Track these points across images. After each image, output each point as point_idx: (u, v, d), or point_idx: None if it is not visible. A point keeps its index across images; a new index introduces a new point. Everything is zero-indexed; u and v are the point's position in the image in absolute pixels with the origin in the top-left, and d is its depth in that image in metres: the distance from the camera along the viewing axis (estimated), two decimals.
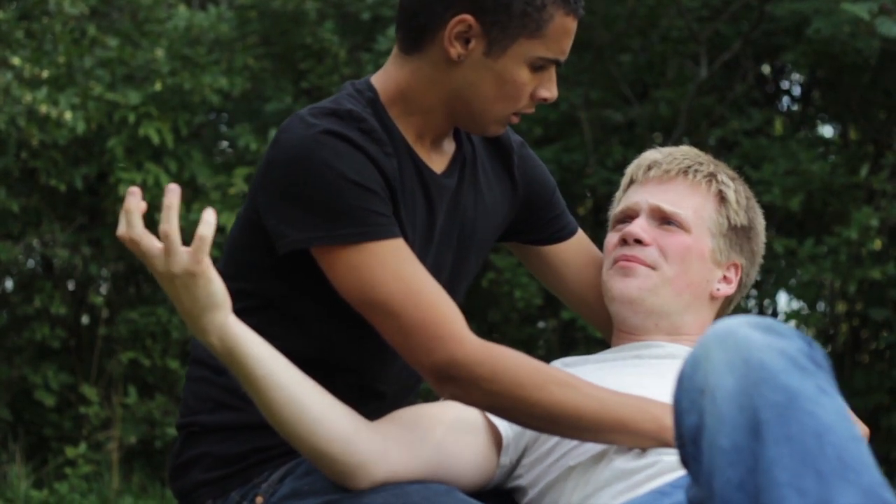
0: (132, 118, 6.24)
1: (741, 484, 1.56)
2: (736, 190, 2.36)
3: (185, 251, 1.86)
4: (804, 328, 6.76)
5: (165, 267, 1.87)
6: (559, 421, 2.03)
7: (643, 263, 2.27)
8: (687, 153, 2.37)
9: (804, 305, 6.77)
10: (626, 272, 2.27)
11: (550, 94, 2.15)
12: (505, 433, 2.16)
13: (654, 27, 6.83)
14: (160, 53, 6.38)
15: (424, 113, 2.14)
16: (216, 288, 1.89)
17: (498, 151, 2.31)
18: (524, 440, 2.18)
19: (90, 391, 6.43)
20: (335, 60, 6.67)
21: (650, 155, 2.37)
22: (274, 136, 2.09)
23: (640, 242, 2.27)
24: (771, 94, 7.40)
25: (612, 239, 2.33)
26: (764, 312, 7.00)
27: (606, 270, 2.31)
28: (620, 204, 2.36)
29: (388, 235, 2.02)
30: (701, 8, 6.72)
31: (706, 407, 1.61)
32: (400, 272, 2.01)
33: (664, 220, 2.29)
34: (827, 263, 6.16)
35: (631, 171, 2.37)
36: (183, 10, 6.65)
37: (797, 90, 7.48)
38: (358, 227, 2.00)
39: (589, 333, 6.49)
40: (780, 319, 6.87)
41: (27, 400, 6.60)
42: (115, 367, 6.54)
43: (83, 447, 6.30)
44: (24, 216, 6.49)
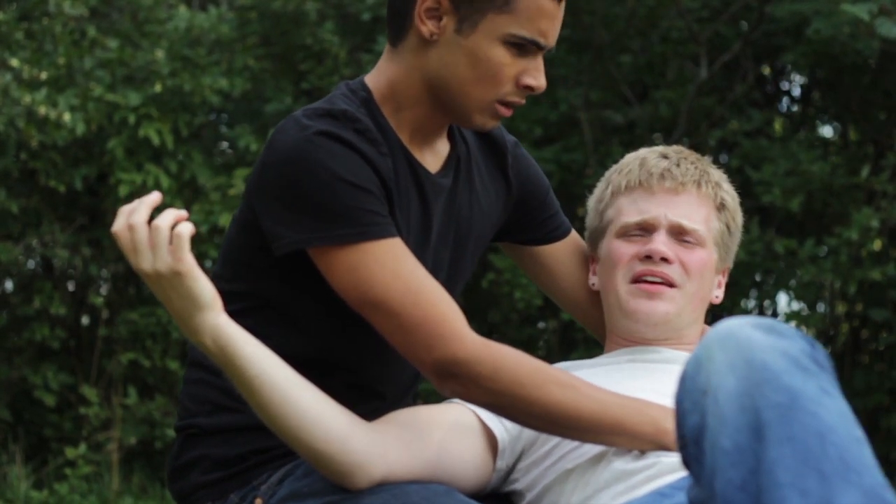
0: (132, 119, 6.24)
1: (743, 484, 1.56)
2: (732, 196, 2.36)
3: (169, 249, 1.88)
4: (804, 329, 6.75)
5: (152, 266, 1.88)
6: (558, 421, 2.03)
7: (670, 283, 2.26)
8: (688, 158, 2.34)
9: (804, 306, 6.77)
10: (651, 295, 2.26)
11: (536, 82, 2.11)
12: (501, 437, 2.16)
13: (654, 28, 6.83)
14: (160, 54, 6.38)
15: (413, 106, 2.14)
16: (202, 286, 1.91)
17: (492, 151, 2.30)
18: (520, 444, 2.17)
19: (90, 392, 6.43)
20: (335, 61, 6.67)
21: (657, 161, 2.33)
22: (269, 138, 2.09)
23: (665, 261, 2.26)
24: (771, 94, 7.40)
25: (626, 249, 2.29)
26: (764, 313, 7.00)
27: (624, 285, 2.28)
28: (629, 212, 2.31)
29: (385, 235, 2.02)
30: (701, 9, 6.73)
31: (708, 407, 1.61)
32: (398, 271, 2.01)
33: (683, 236, 2.28)
34: (827, 264, 6.16)
35: (638, 175, 2.32)
36: (183, 10, 6.65)
37: (797, 91, 7.48)
38: (355, 227, 2.00)
39: (589, 334, 6.47)
40: (780, 320, 6.85)
41: (27, 400, 6.60)
42: (115, 367, 6.54)
43: (83, 448, 6.30)
44: (23, 217, 6.49)
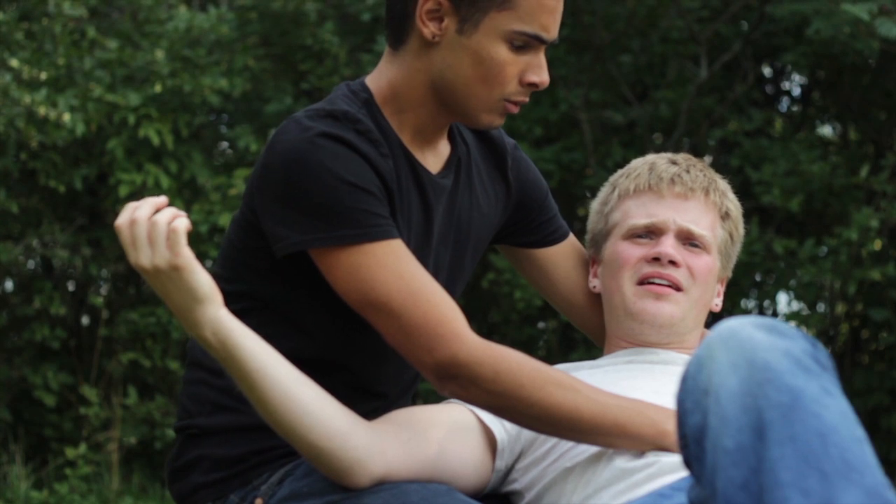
0: (132, 119, 6.24)
1: (745, 484, 1.56)
2: (736, 205, 2.38)
3: (166, 244, 1.89)
4: (804, 329, 6.76)
5: (150, 261, 1.89)
6: (558, 422, 2.03)
7: (677, 286, 2.27)
8: (698, 165, 2.36)
9: (804, 306, 6.77)
10: (658, 296, 2.27)
11: (539, 78, 2.11)
12: (500, 437, 2.16)
13: (654, 28, 6.83)
14: (160, 55, 6.38)
15: (416, 108, 2.14)
16: (201, 279, 1.91)
17: (492, 153, 2.30)
18: (519, 444, 2.18)
19: (90, 392, 6.43)
20: (335, 61, 6.67)
21: (666, 166, 2.34)
22: (270, 138, 2.09)
23: (673, 264, 2.27)
24: (771, 94, 7.41)
25: (633, 251, 2.30)
26: (764, 313, 7.00)
27: (630, 287, 2.29)
28: (638, 214, 2.32)
29: (386, 236, 2.02)
30: (701, 9, 6.73)
31: (710, 407, 1.61)
32: (399, 272, 2.01)
33: (690, 241, 2.30)
34: (827, 264, 6.16)
35: (648, 179, 2.33)
36: (183, 11, 6.65)
37: (797, 91, 7.48)
38: (356, 228, 2.00)
39: None
40: (780, 320, 6.86)
41: (27, 400, 6.60)
42: (115, 367, 6.54)
43: (83, 448, 6.29)
44: (23, 217, 6.49)
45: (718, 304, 2.37)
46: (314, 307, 2.11)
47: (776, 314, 6.99)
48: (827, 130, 7.39)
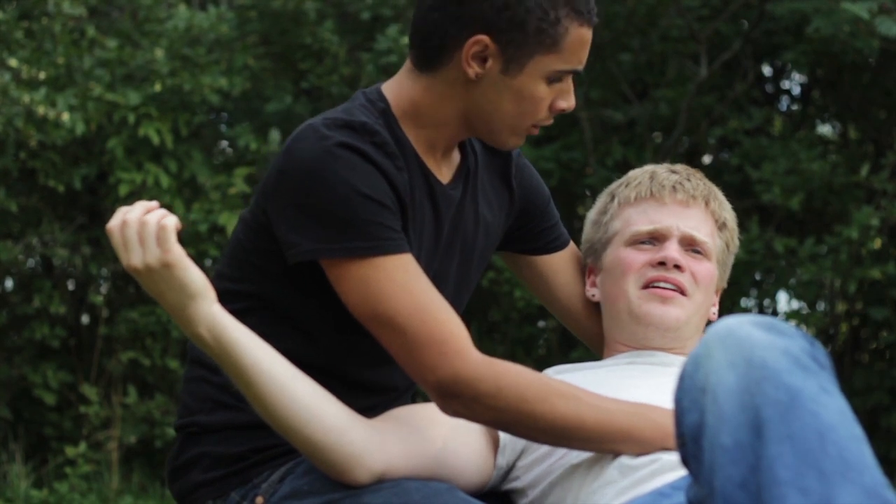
0: (132, 118, 6.24)
1: (743, 482, 1.56)
2: (732, 215, 2.40)
3: (152, 245, 1.90)
4: (804, 328, 6.75)
5: (142, 260, 1.90)
6: (563, 433, 2.03)
7: (682, 291, 2.29)
8: (697, 175, 2.39)
9: (804, 305, 6.77)
10: (664, 300, 2.28)
11: (568, 104, 2.16)
12: (502, 434, 2.16)
13: (653, 26, 6.82)
14: (160, 53, 6.38)
15: (438, 126, 2.15)
16: (193, 275, 1.92)
17: (497, 160, 2.31)
18: (521, 441, 2.18)
19: (90, 391, 6.43)
20: (335, 60, 6.67)
21: (667, 175, 2.36)
22: (286, 144, 2.09)
23: (678, 268, 2.29)
24: (771, 93, 7.40)
25: (637, 256, 2.31)
26: (764, 312, 7.00)
27: (635, 290, 2.30)
28: (640, 221, 2.33)
29: (397, 250, 2.03)
30: (701, 7, 6.72)
31: (707, 405, 1.61)
32: (408, 287, 2.01)
33: (693, 247, 2.32)
34: (827, 263, 6.16)
35: (650, 187, 2.35)
36: (183, 10, 6.65)
37: (797, 89, 7.48)
38: (368, 240, 2.00)
39: None
40: (779, 319, 6.86)
41: (27, 399, 6.60)
42: (114, 366, 6.54)
43: (83, 447, 6.30)
44: (23, 216, 6.49)
45: (715, 313, 2.38)
46: (321, 313, 2.11)
47: (776, 313, 6.99)
48: (827, 129, 7.39)
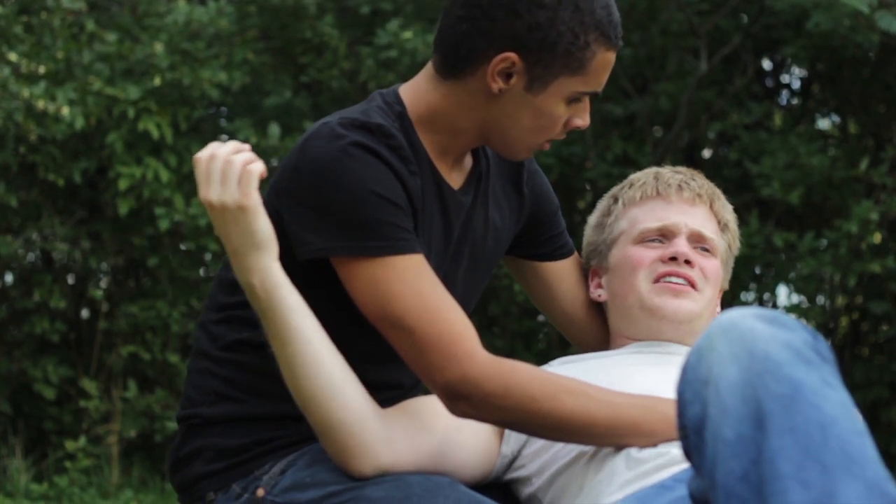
0: (131, 113, 6.24)
1: (744, 475, 1.56)
2: (733, 217, 2.43)
3: (238, 184, 1.94)
4: (804, 322, 6.75)
5: (219, 197, 1.93)
6: (573, 430, 2.03)
7: (692, 283, 2.30)
8: (701, 176, 2.42)
9: (804, 299, 6.77)
10: (677, 293, 2.30)
11: (584, 122, 2.17)
12: None
13: (653, 21, 6.82)
14: (159, 48, 6.37)
15: (453, 134, 2.15)
16: (263, 225, 1.96)
17: (509, 165, 2.32)
18: None
19: (90, 385, 6.43)
20: (335, 54, 6.66)
21: (672, 174, 2.39)
22: (300, 142, 2.09)
23: (688, 263, 2.30)
24: (771, 87, 7.40)
25: (647, 253, 2.33)
26: (764, 306, 7.00)
27: (647, 284, 2.31)
28: (648, 219, 2.35)
29: (409, 250, 2.03)
30: (701, 2, 6.72)
31: (710, 398, 1.61)
32: (418, 288, 2.01)
33: (700, 244, 2.34)
34: (827, 257, 6.16)
35: (656, 186, 2.37)
36: (182, 4, 6.65)
37: (797, 84, 7.48)
38: (381, 240, 2.00)
39: None
40: (780, 312, 6.86)
41: (27, 394, 6.60)
42: (114, 360, 6.54)
43: (83, 441, 6.30)
44: (23, 210, 6.49)
45: (718, 311, 2.39)
46: (327, 309, 2.11)
47: (776, 307, 6.99)
48: (826, 123, 7.39)
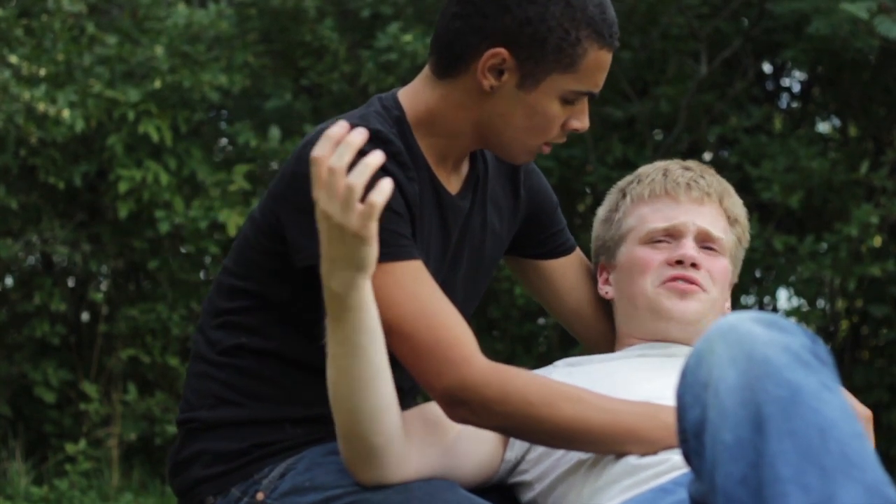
0: (131, 116, 6.24)
1: (743, 478, 1.56)
2: (744, 211, 2.41)
3: (359, 210, 1.84)
4: (804, 325, 6.75)
5: (338, 218, 1.85)
6: (571, 436, 2.03)
7: (701, 287, 2.29)
8: (710, 171, 2.40)
9: (804, 302, 6.77)
10: (683, 294, 2.29)
11: (581, 124, 2.15)
12: None
13: (654, 24, 6.82)
14: (160, 51, 6.37)
15: (450, 136, 2.15)
16: (372, 252, 1.89)
17: (506, 165, 2.31)
18: None
19: (90, 388, 6.42)
20: (335, 58, 6.66)
21: (681, 172, 2.37)
22: (298, 147, 2.09)
23: (694, 266, 2.29)
24: (771, 91, 7.40)
25: (654, 255, 2.32)
26: (764, 309, 7.00)
27: (652, 287, 2.30)
28: (655, 218, 2.34)
29: (407, 256, 2.03)
30: (701, 5, 6.72)
31: (709, 401, 1.61)
32: (416, 293, 2.01)
33: (708, 243, 2.32)
34: (827, 260, 6.16)
35: (664, 185, 2.36)
36: (182, 7, 6.65)
37: (797, 87, 7.48)
38: (379, 246, 2.00)
39: None
40: (780, 315, 6.86)
41: (27, 397, 6.60)
42: (115, 363, 6.54)
43: (83, 444, 6.29)
44: (23, 213, 6.49)
45: (728, 308, 2.38)
46: (324, 315, 2.11)
47: (776, 310, 6.99)
48: (827, 127, 7.39)
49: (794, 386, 1.57)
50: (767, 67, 7.34)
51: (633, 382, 2.14)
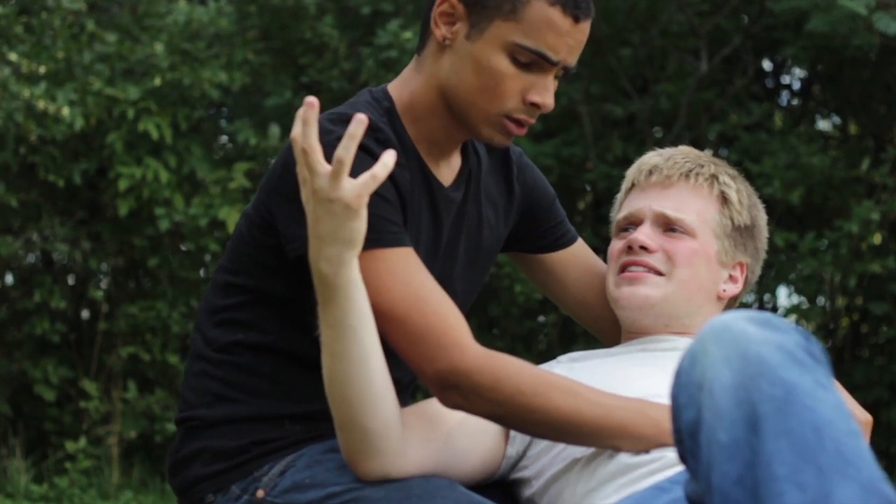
0: (131, 113, 6.24)
1: (740, 478, 1.55)
2: (738, 189, 2.36)
3: (350, 182, 1.85)
4: (804, 323, 6.76)
5: (326, 190, 1.86)
6: (560, 427, 2.03)
7: (651, 269, 2.28)
8: (687, 155, 2.37)
9: (804, 300, 6.77)
10: (632, 281, 2.29)
11: (541, 99, 2.10)
12: None
13: (654, 21, 6.82)
14: (159, 48, 6.37)
15: (429, 117, 2.15)
16: (361, 226, 1.89)
17: (499, 162, 2.32)
18: None
19: (90, 386, 6.43)
20: (335, 55, 6.67)
21: (651, 159, 2.37)
22: (291, 139, 2.09)
23: (645, 249, 2.28)
24: (771, 88, 7.40)
25: (616, 246, 2.34)
26: (764, 307, 7.00)
27: (613, 278, 2.32)
28: (623, 210, 2.37)
29: (398, 243, 2.03)
30: (701, 2, 6.72)
31: (704, 402, 1.61)
32: (407, 279, 2.01)
33: (668, 226, 2.30)
34: (827, 257, 6.16)
35: (632, 175, 2.38)
36: (182, 4, 6.65)
37: (797, 84, 7.48)
38: (370, 232, 1.99)
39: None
40: (780, 314, 6.88)
41: (27, 394, 6.60)
42: (114, 361, 6.54)
43: (83, 442, 6.30)
44: (23, 211, 6.49)
45: (727, 289, 2.35)
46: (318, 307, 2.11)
47: (776, 308, 6.99)
48: (827, 124, 7.39)
49: (788, 385, 1.57)
50: (767, 65, 7.34)
51: (632, 379, 2.14)
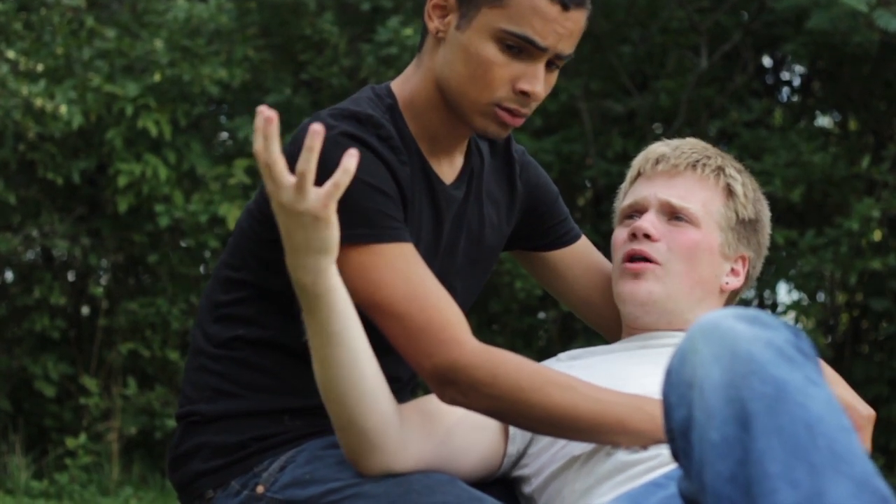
0: (130, 110, 6.24)
1: (732, 476, 1.55)
2: (743, 183, 2.35)
3: (315, 192, 1.84)
4: (804, 319, 6.76)
5: (292, 202, 1.85)
6: (559, 423, 2.03)
7: (653, 260, 2.26)
8: (695, 146, 2.36)
9: (804, 296, 6.77)
10: (635, 275, 2.26)
11: (530, 87, 2.09)
12: None
13: (654, 18, 6.82)
14: (159, 44, 6.37)
15: (428, 112, 2.15)
16: (333, 234, 1.87)
17: (501, 160, 2.31)
18: None
19: (90, 382, 6.43)
20: (335, 51, 6.66)
21: (658, 148, 2.35)
22: (293, 135, 2.09)
23: (648, 237, 2.26)
24: (771, 84, 7.40)
25: (620, 234, 2.31)
26: (764, 304, 7.00)
27: (616, 268, 2.30)
28: (628, 198, 2.35)
29: (398, 238, 2.03)
30: None
31: (694, 401, 1.61)
32: (407, 275, 2.01)
33: (673, 214, 2.28)
34: (827, 254, 6.16)
35: (638, 163, 2.36)
36: (182, 1, 6.65)
37: (797, 81, 7.47)
38: (370, 228, 2.00)
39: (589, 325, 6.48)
40: (780, 310, 6.88)
41: (27, 391, 6.61)
42: (114, 357, 6.55)
43: (83, 438, 6.30)
44: (22, 207, 6.49)
45: (729, 282, 2.33)
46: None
47: (776, 304, 6.99)
48: (827, 121, 7.39)
49: (779, 382, 1.56)
50: (767, 61, 7.34)
51: (633, 377, 2.14)
